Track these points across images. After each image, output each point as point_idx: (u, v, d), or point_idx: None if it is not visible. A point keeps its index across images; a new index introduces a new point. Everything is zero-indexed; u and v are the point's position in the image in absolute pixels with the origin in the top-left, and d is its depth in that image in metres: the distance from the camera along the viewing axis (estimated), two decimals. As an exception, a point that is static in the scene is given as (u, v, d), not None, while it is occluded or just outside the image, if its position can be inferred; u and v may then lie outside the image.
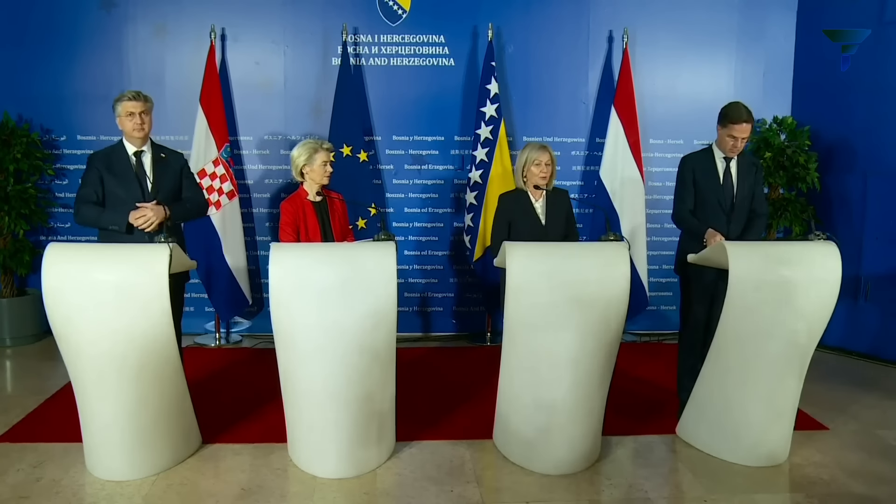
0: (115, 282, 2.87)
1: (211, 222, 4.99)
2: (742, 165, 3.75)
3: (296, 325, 2.96)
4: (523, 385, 3.19)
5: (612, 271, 3.07)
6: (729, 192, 3.70)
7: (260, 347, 5.16)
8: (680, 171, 3.82)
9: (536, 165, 3.77)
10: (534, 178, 3.79)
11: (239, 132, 5.34)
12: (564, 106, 5.45)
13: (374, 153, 5.37)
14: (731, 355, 3.26)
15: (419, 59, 5.35)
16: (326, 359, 2.98)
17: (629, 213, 5.23)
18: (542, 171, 3.77)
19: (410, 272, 5.54)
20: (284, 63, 5.31)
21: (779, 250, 3.25)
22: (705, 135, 3.88)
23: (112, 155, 3.48)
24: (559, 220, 3.87)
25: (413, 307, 5.57)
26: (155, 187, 3.46)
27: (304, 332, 2.96)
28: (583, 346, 3.06)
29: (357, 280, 2.95)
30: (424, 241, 5.52)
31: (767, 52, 5.51)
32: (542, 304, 3.05)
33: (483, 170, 5.13)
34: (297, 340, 2.98)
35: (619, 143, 5.21)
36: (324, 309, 2.93)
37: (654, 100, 5.45)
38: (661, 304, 5.64)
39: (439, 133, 5.41)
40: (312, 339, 2.96)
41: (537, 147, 3.81)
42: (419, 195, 5.47)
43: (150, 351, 2.95)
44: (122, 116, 3.44)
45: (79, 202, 3.41)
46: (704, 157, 3.77)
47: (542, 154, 3.78)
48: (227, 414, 3.79)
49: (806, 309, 3.15)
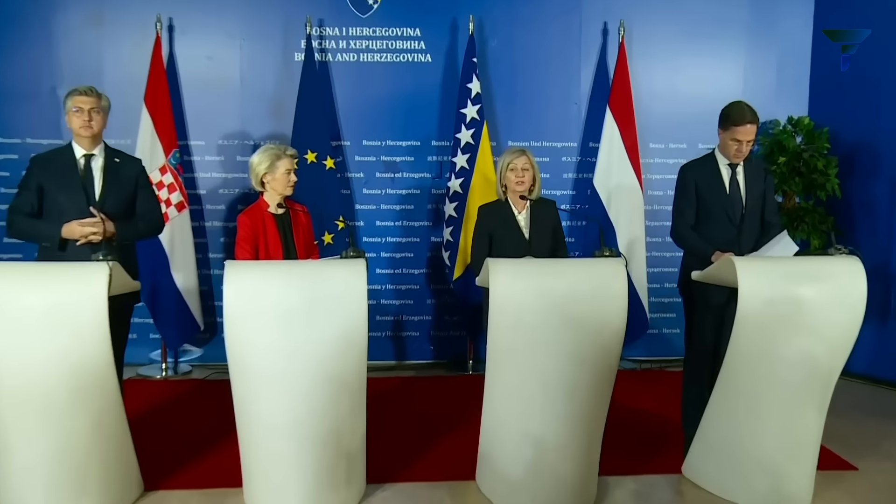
0: (44, 304, 2.83)
1: (157, 237, 4.95)
2: (750, 171, 3.77)
3: (253, 353, 2.94)
4: (510, 418, 3.18)
5: (607, 290, 3.07)
6: (737, 201, 3.72)
7: (212, 379, 5.12)
8: (680, 183, 3.82)
9: (512, 171, 3.81)
10: (512, 186, 3.82)
11: (189, 136, 5.32)
12: (554, 107, 5.49)
13: (342, 160, 5.38)
14: (742, 384, 3.26)
15: (392, 55, 5.37)
16: (288, 390, 2.95)
17: (626, 226, 5.26)
18: (519, 176, 3.80)
19: (383, 293, 5.53)
20: (241, 58, 5.31)
21: (795, 266, 3.26)
22: (711, 138, 3.91)
23: (57, 157, 3.45)
24: (545, 233, 3.89)
25: (386, 332, 5.56)
26: (103, 196, 3.42)
27: (263, 360, 2.94)
28: (576, 374, 3.06)
29: (323, 301, 2.94)
30: (398, 258, 5.52)
31: (781, 44, 5.58)
32: (530, 328, 3.05)
33: (464, 178, 5.15)
34: (255, 370, 2.96)
35: (615, 148, 5.25)
36: (285, 334, 2.91)
37: (653, 99, 5.51)
38: (663, 326, 5.67)
39: (415, 137, 5.43)
40: (272, 367, 2.94)
41: (514, 151, 3.84)
42: (392, 207, 5.48)
43: (83, 383, 2.90)
44: (70, 112, 3.41)
45: (11, 212, 3.38)
46: (706, 164, 3.78)
47: (519, 158, 3.81)
48: (174, 455, 3.73)
49: (827, 332, 3.15)
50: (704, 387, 3.62)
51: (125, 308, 3.42)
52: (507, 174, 3.81)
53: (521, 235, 3.85)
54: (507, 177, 3.82)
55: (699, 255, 3.67)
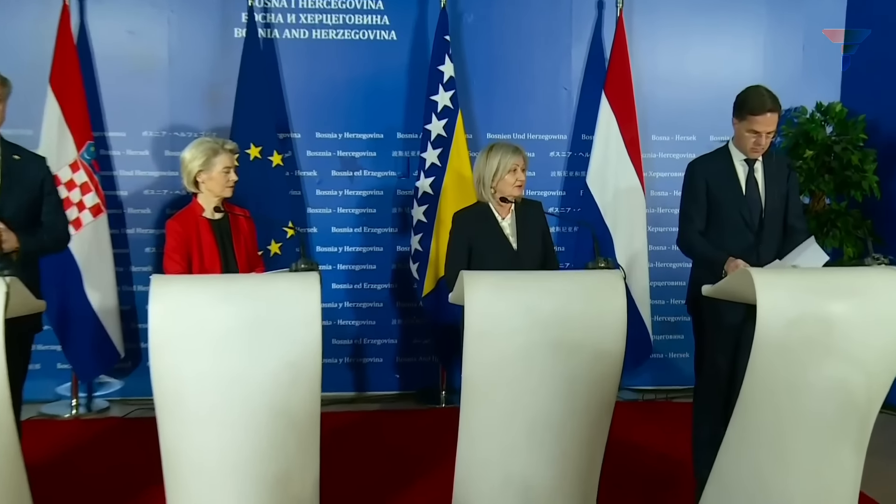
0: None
1: (67, 248, 4.90)
2: (770, 168, 3.79)
3: (184, 384, 2.91)
4: (490, 458, 3.17)
5: (603, 308, 3.08)
6: (755, 203, 3.74)
7: (134, 416, 5.09)
8: (688, 182, 3.85)
9: (512, 173, 3.82)
10: (509, 190, 3.84)
11: (107, 126, 5.30)
12: (540, 93, 5.54)
13: (292, 155, 5.39)
14: (763, 418, 3.24)
15: (350, 32, 5.40)
16: (226, 427, 2.93)
17: (626, 233, 5.31)
18: (520, 178, 3.83)
19: (340, 312, 5.54)
20: (169, 34, 5.30)
21: (825, 278, 3.26)
22: (725, 129, 3.93)
23: None
24: (534, 241, 3.91)
25: (343, 358, 5.57)
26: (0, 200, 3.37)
27: (196, 394, 2.91)
28: (567, 406, 3.07)
29: (268, 323, 2.93)
30: (358, 271, 5.54)
31: (808, 18, 5.63)
32: (513, 353, 3.05)
33: (435, 177, 5.18)
34: (186, 405, 2.93)
35: (612, 142, 5.30)
36: (223, 361, 2.89)
37: (657, 84, 5.56)
38: (669, 350, 5.71)
39: (377, 129, 5.46)
40: (207, 402, 2.92)
41: (511, 149, 3.85)
42: (351, 210, 5.50)
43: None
44: None
45: None
46: (719, 160, 3.80)
47: (518, 157, 3.84)
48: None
49: (864, 356, 3.12)
50: (718, 421, 3.62)
51: (23, 336, 3.37)
52: (506, 177, 3.82)
53: (508, 245, 3.86)
54: (504, 179, 3.83)
55: (710, 266, 3.67)
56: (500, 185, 3.84)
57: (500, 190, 3.84)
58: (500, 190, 3.85)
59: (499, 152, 3.84)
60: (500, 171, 3.83)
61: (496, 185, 3.85)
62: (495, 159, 3.84)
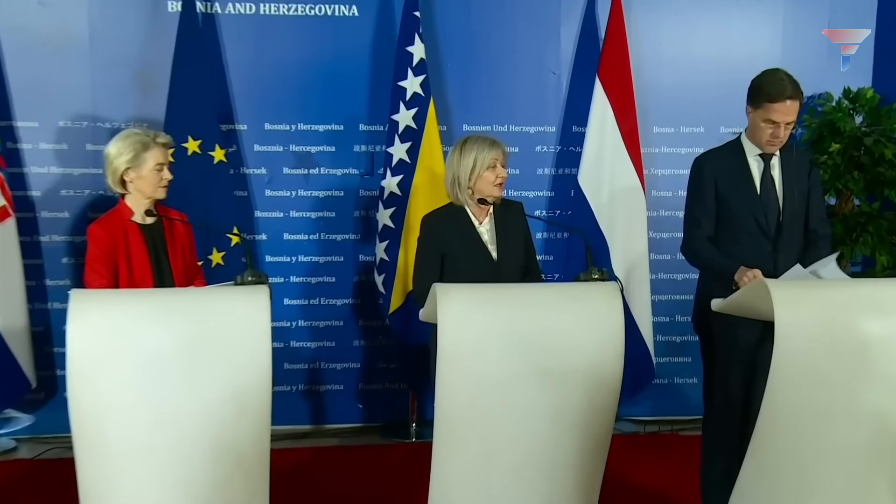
0: None
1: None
2: (789, 164, 3.82)
3: (109, 417, 2.87)
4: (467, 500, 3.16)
5: (598, 327, 3.08)
6: (772, 205, 3.77)
7: (49, 457, 5.04)
8: (694, 180, 3.88)
9: (491, 169, 3.83)
10: (488, 189, 3.84)
11: (14, 114, 5.24)
12: (524, 78, 5.55)
13: (237, 150, 5.37)
14: (783, 453, 3.23)
15: (304, 6, 5.38)
16: (158, 468, 2.90)
17: (623, 239, 5.32)
18: (501, 176, 3.84)
19: (293, 331, 5.52)
20: (89, 5, 5.25)
21: (853, 291, 3.27)
22: (737, 119, 3.94)
23: None
24: (516, 249, 3.91)
25: (298, 385, 5.55)
26: None
27: (123, 429, 2.88)
28: (557, 441, 3.07)
29: (209, 345, 2.91)
30: (315, 284, 5.53)
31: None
32: (494, 379, 3.04)
33: (403, 175, 5.17)
34: (111, 442, 2.89)
35: (608, 134, 5.31)
36: (154, 390, 2.86)
37: (659, 67, 5.57)
38: (674, 375, 5.73)
39: (336, 119, 5.44)
40: (136, 438, 2.88)
41: (488, 142, 3.86)
42: (306, 214, 5.49)
43: None
44: None
45: None
46: (730, 155, 3.83)
47: (497, 151, 3.84)
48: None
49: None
50: (732, 456, 3.63)
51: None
52: (484, 174, 3.82)
53: (487, 254, 3.86)
54: (483, 177, 3.83)
55: (720, 276, 3.69)
56: (479, 184, 3.84)
57: (479, 190, 3.85)
58: (478, 190, 3.85)
59: (474, 146, 3.85)
60: (478, 167, 3.82)
61: (473, 185, 3.85)
62: (471, 155, 3.83)
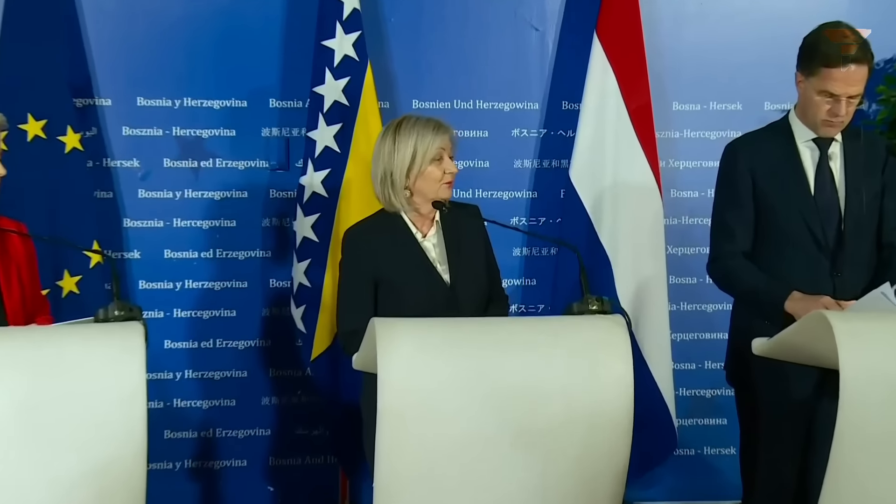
0: None
1: None
2: (854, 154, 3.50)
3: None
4: None
5: (597, 375, 2.74)
6: (831, 208, 3.47)
7: None
8: (726, 175, 3.60)
9: (437, 163, 3.44)
10: (432, 191, 3.47)
11: None
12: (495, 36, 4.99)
13: (98, 134, 4.78)
14: None
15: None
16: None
17: (632, 256, 4.79)
18: (449, 171, 3.47)
19: (178, 386, 4.93)
20: None
21: None
22: (785, 94, 3.70)
23: None
24: (475, 268, 3.56)
25: (184, 461, 4.97)
26: None
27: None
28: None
29: (59, 406, 2.55)
30: (208, 320, 4.94)
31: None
32: (455, 447, 2.70)
33: (331, 169, 4.61)
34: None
35: (610, 113, 4.74)
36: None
37: (681, 23, 5.04)
38: (702, 443, 5.23)
39: (237, 93, 4.85)
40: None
41: (432, 126, 3.47)
42: (196, 223, 4.88)
43: None
44: None
45: None
46: (774, 141, 3.55)
47: (444, 137, 3.47)
48: None
49: None
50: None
51: None
52: (428, 170, 3.45)
53: (436, 277, 3.48)
54: (426, 174, 3.45)
55: (763, 307, 3.44)
56: (420, 183, 3.45)
57: (419, 191, 3.47)
58: (419, 191, 3.47)
59: (413, 131, 3.46)
60: (419, 160, 3.43)
61: (413, 185, 3.46)
62: (408, 143, 3.44)
